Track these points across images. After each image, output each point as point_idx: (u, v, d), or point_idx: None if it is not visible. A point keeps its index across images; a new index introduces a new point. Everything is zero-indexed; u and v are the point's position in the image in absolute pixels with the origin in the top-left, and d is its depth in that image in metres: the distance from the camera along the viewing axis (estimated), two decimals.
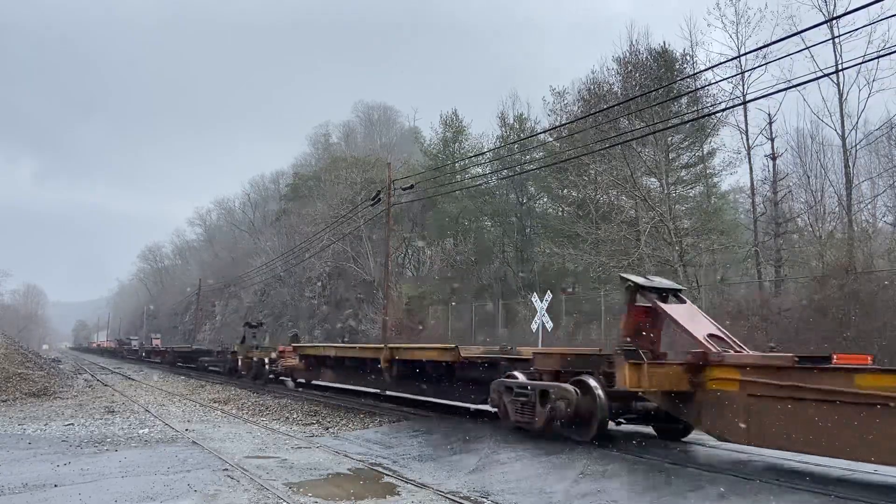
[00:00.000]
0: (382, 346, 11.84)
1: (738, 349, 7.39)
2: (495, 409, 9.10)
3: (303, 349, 17.11)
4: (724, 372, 6.86)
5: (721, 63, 21.56)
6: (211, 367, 28.71)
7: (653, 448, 7.74)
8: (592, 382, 7.64)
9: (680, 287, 8.54)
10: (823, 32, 18.16)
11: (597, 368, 7.82)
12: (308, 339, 42.22)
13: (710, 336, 7.49)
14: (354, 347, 15.39)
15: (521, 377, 8.76)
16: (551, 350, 10.82)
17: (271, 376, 19.74)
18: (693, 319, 7.87)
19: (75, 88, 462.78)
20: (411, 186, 26.88)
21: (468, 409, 11.55)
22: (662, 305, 7.96)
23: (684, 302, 8.30)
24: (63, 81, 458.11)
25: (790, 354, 6.67)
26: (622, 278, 8.61)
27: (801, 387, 6.09)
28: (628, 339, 7.97)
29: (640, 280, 8.35)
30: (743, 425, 6.49)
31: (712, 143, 28.22)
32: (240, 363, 22.36)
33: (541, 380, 8.52)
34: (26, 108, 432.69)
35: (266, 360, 19.85)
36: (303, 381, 18.57)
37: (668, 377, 7.21)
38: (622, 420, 8.54)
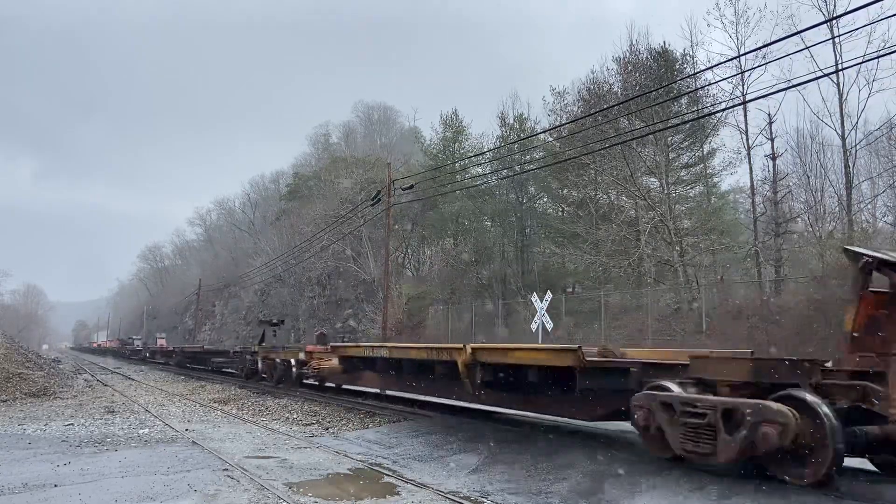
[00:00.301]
0: (461, 346, 9.00)
1: None
2: (640, 431, 6.85)
3: (344, 350, 14.58)
4: None
5: (721, 63, 21.62)
6: (226, 369, 26.49)
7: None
8: (814, 400, 5.54)
9: None
10: (823, 32, 18.19)
11: (807, 380, 5.78)
12: (307, 339, 42.29)
13: None
14: (418, 347, 11.94)
15: (676, 389, 6.54)
16: (728, 353, 8.33)
17: (303, 380, 17.72)
18: None
19: (75, 88, 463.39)
20: (411, 186, 26.90)
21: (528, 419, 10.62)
22: None
23: None
24: (63, 81, 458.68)
25: None
26: (849, 252, 6.25)
27: None
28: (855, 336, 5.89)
29: (882, 254, 5.94)
30: None
31: (712, 143, 28.28)
32: (260, 365, 20.29)
33: (712, 393, 6.33)
34: (26, 108, 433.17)
35: (293, 362, 17.88)
36: (334, 385, 16.70)
37: None
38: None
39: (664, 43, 28.44)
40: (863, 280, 5.89)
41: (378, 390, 14.57)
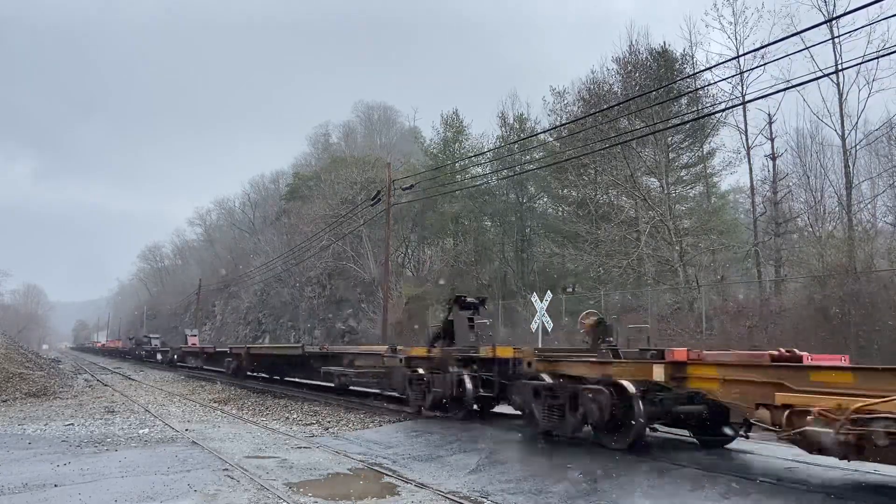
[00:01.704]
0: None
1: None
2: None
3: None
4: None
5: (720, 63, 21.63)
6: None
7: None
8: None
9: None
10: (823, 32, 18.19)
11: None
12: (308, 339, 42.32)
13: None
14: None
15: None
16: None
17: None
18: None
19: (75, 87, 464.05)
20: (411, 186, 26.90)
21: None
22: None
23: None
24: (63, 80, 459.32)
25: None
26: None
27: None
28: None
29: None
30: None
31: (712, 143, 28.27)
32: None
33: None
34: (26, 107, 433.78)
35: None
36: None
37: None
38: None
39: (664, 43, 28.47)
40: None
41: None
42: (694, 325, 22.09)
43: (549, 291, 22.55)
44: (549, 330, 22.06)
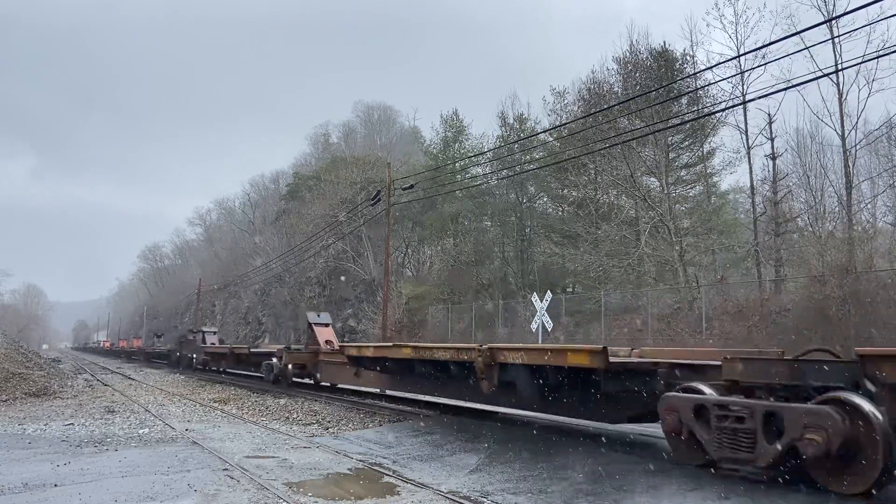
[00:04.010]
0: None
1: None
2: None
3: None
4: None
5: (720, 63, 21.65)
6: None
7: None
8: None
9: None
10: (823, 32, 18.20)
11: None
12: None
13: None
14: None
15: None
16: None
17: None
18: None
19: (75, 84, 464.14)
20: (411, 186, 26.91)
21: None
22: None
23: None
24: (63, 77, 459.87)
25: None
26: None
27: None
28: None
29: None
30: None
31: (712, 143, 28.29)
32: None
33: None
34: (25, 103, 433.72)
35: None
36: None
37: None
38: None
39: (664, 43, 28.52)
40: None
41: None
42: (694, 325, 22.11)
43: (549, 291, 22.56)
44: (549, 329, 22.08)
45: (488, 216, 36.66)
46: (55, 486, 6.16)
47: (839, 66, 19.71)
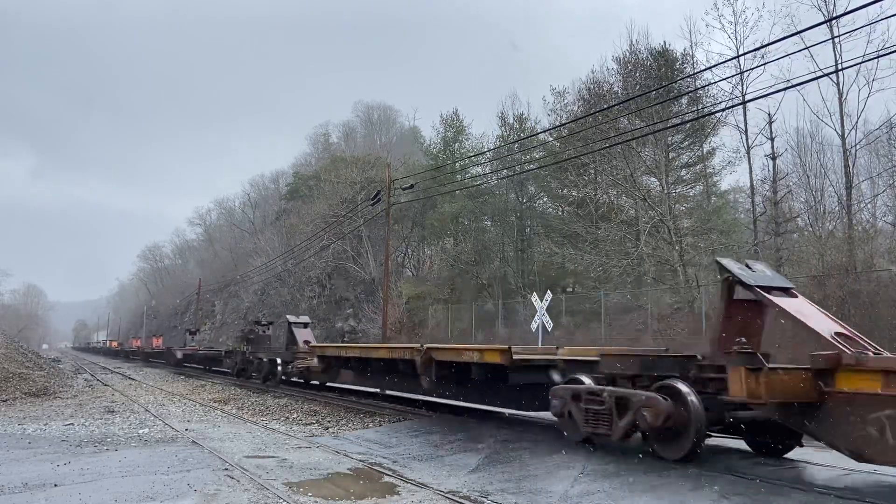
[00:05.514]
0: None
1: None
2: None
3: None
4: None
5: (720, 63, 21.64)
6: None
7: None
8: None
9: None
10: (823, 32, 18.19)
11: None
12: None
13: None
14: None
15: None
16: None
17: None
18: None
19: (75, 84, 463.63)
20: (411, 186, 26.91)
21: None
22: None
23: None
24: (63, 77, 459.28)
25: None
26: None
27: None
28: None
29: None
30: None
31: (712, 143, 28.27)
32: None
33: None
34: (25, 103, 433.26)
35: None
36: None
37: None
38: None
39: (664, 43, 28.50)
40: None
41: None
42: (694, 325, 22.10)
43: (549, 291, 22.55)
44: (549, 329, 22.07)
45: (488, 216, 36.65)
46: (55, 485, 6.16)
47: (839, 66, 19.71)
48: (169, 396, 17.18)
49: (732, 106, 23.73)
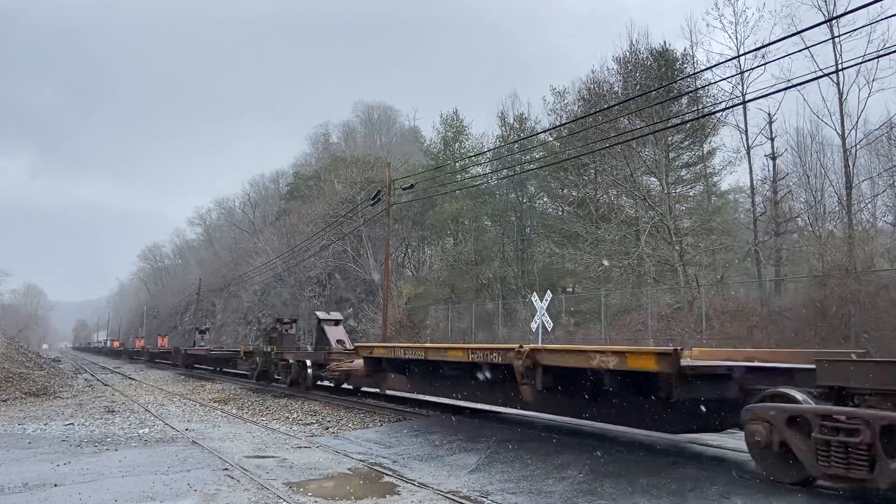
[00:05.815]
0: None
1: None
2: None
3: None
4: None
5: (720, 63, 21.64)
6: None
7: None
8: None
9: None
10: (823, 32, 18.19)
11: None
12: (308, 339, 42.26)
13: None
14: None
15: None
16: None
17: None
18: None
19: (75, 83, 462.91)
20: (411, 186, 26.90)
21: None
22: None
23: None
24: (63, 76, 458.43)
25: None
26: None
27: None
28: None
29: None
30: None
31: (712, 143, 28.27)
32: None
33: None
34: (25, 102, 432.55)
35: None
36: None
37: None
38: None
39: (664, 43, 28.50)
40: None
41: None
42: (694, 325, 22.11)
43: (548, 291, 22.56)
44: (550, 329, 22.09)
45: (488, 216, 36.64)
46: (55, 485, 6.16)
47: (839, 66, 19.70)
48: (169, 396, 17.18)
49: (732, 106, 23.75)
